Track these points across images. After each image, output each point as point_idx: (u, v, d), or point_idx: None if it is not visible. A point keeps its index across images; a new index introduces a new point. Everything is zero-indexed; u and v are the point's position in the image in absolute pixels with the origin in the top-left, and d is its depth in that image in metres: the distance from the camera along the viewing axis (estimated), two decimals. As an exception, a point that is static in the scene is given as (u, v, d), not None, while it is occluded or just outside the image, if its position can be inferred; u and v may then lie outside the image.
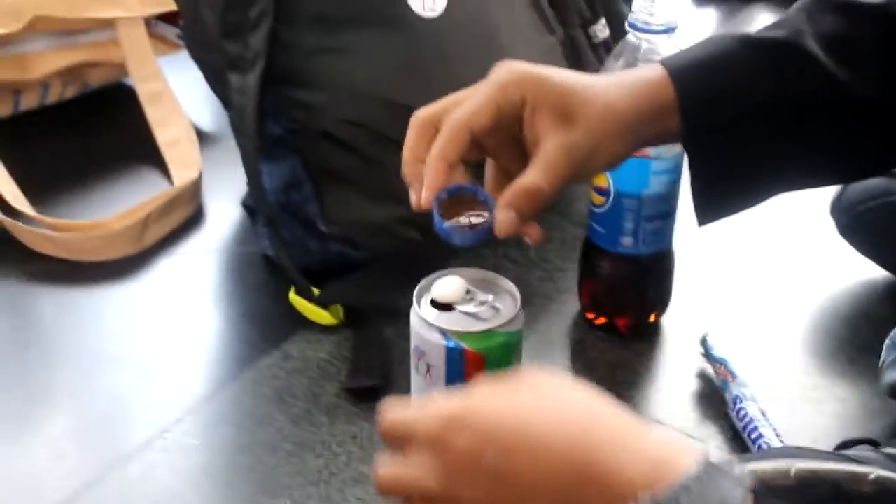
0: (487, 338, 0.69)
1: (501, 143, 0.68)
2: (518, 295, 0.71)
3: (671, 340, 0.96)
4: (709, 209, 0.75)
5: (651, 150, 0.86)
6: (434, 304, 0.71)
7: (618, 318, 0.96)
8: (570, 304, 0.99)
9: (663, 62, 0.71)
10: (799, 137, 0.71)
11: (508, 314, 0.70)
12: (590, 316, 0.97)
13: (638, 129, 0.69)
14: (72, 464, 0.83)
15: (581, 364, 0.93)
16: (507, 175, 0.69)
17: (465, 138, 0.65)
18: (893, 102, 0.70)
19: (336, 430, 0.86)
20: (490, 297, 0.71)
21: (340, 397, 0.89)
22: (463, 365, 0.69)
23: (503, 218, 0.65)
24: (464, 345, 0.68)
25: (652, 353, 0.94)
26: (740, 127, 0.71)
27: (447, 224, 0.66)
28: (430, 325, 0.69)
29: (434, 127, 0.67)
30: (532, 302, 1.00)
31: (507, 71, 0.67)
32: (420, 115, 0.68)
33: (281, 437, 0.85)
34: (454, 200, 0.66)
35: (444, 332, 0.69)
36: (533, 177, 0.66)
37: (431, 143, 0.66)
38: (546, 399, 0.52)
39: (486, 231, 0.66)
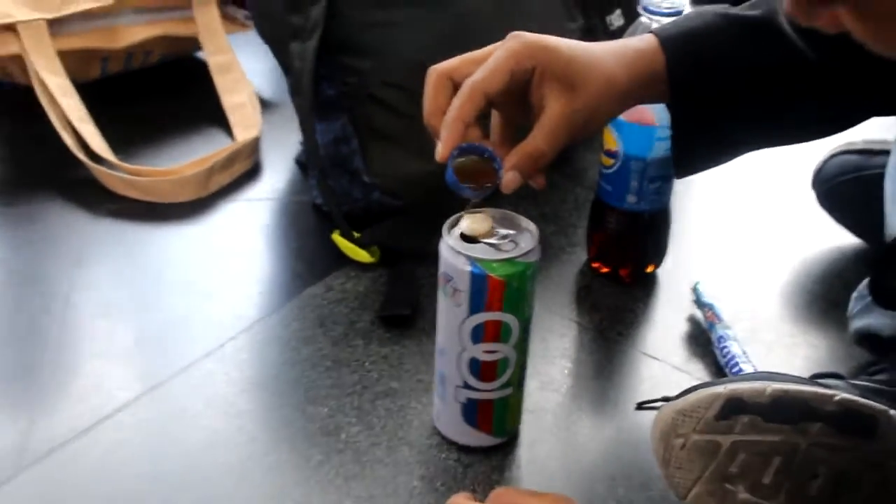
0: (508, 266, 0.69)
1: (509, 100, 0.69)
2: (536, 232, 0.71)
3: (666, 288, 0.97)
4: (687, 163, 0.76)
5: (656, 119, 0.87)
6: (462, 236, 0.71)
7: (620, 267, 0.96)
8: (579, 256, 1.00)
9: (655, 32, 0.72)
10: (771, 101, 0.73)
11: (527, 247, 0.70)
12: (596, 265, 0.98)
13: (631, 95, 0.71)
14: (138, 369, 0.84)
15: (587, 306, 0.94)
16: (509, 123, 0.70)
17: (480, 101, 0.66)
18: (849, 72, 0.71)
19: (370, 350, 0.87)
20: (511, 233, 0.72)
21: (374, 324, 0.90)
22: (486, 289, 0.69)
23: (509, 178, 0.67)
24: (487, 271, 0.69)
25: (649, 299, 0.95)
26: (721, 91, 0.72)
27: (461, 183, 0.68)
28: (458, 252, 0.70)
29: (449, 80, 0.68)
30: (545, 252, 1.00)
31: (520, 41, 0.68)
32: (437, 70, 0.69)
33: (322, 355, 0.86)
34: (465, 158, 0.68)
35: (470, 259, 0.69)
36: (536, 142, 0.67)
37: (448, 96, 0.67)
38: None
39: (493, 189, 0.68)
